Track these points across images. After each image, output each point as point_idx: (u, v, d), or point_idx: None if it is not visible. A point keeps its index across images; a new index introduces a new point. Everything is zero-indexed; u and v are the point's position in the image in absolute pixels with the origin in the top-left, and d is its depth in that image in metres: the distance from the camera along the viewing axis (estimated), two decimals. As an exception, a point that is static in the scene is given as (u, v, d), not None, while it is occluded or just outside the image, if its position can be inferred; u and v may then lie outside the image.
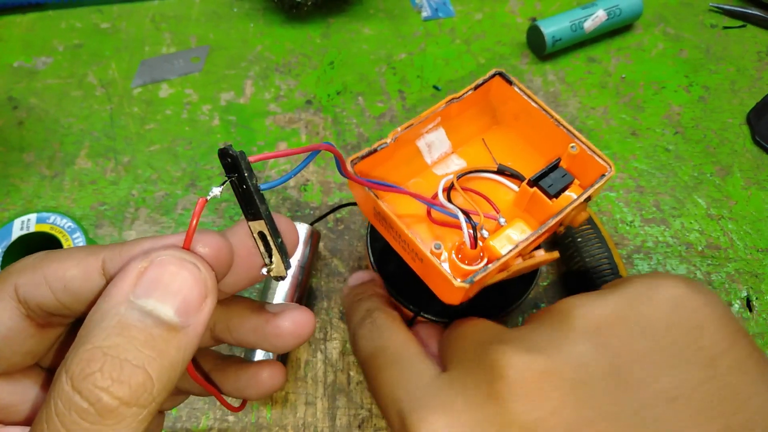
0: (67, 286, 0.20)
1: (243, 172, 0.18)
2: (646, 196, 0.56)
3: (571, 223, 0.33)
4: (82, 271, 0.20)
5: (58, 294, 0.20)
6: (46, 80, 0.61)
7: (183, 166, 0.56)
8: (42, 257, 0.21)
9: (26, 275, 0.20)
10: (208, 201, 0.19)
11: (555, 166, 0.33)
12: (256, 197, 0.19)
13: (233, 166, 0.18)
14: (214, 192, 0.19)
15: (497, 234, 0.31)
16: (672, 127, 0.61)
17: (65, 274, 0.20)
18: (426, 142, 0.36)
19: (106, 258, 0.20)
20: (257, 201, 0.19)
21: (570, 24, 0.63)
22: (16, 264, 0.21)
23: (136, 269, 0.18)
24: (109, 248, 0.21)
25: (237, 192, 0.19)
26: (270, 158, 0.20)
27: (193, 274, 0.18)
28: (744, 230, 0.54)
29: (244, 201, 0.19)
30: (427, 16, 0.68)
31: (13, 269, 0.21)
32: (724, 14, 0.70)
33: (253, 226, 0.20)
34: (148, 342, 0.17)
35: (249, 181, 0.18)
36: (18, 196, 0.54)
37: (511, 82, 0.35)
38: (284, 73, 0.63)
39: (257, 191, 0.19)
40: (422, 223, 0.34)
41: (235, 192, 0.19)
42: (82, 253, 0.21)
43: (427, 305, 0.42)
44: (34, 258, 0.21)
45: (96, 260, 0.20)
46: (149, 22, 0.66)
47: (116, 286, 0.18)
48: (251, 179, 0.19)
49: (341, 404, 0.45)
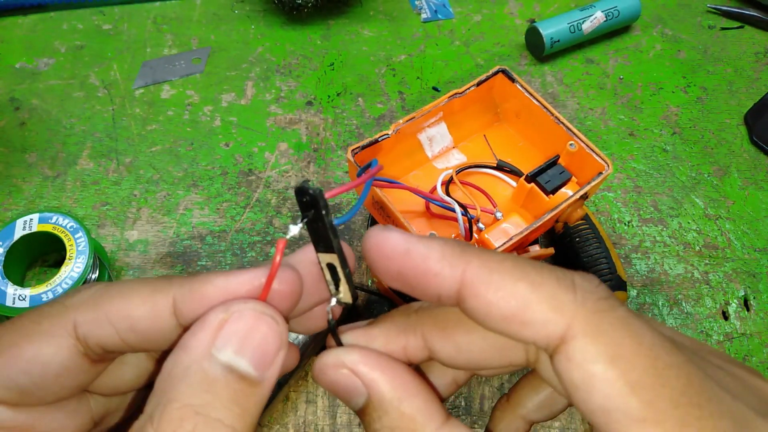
0: (133, 326, 0.19)
1: (321, 210, 0.18)
2: (643, 196, 0.56)
3: (567, 220, 0.33)
4: (150, 311, 0.19)
5: (124, 334, 0.19)
6: (48, 81, 0.62)
7: (184, 166, 0.56)
8: (102, 292, 0.20)
9: (87, 313, 0.19)
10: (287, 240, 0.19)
11: (553, 162, 0.33)
12: (331, 233, 0.18)
13: (311, 204, 0.18)
14: (293, 231, 0.19)
15: (493, 227, 0.32)
16: (670, 127, 0.61)
17: (131, 314, 0.19)
18: (427, 135, 0.36)
19: (177, 297, 0.19)
20: (332, 236, 0.19)
21: (568, 25, 0.63)
22: (74, 297, 0.20)
23: (216, 321, 0.18)
24: (177, 284, 0.19)
25: (311, 228, 0.19)
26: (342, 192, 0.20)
27: (271, 328, 0.18)
28: (741, 230, 0.55)
29: (318, 236, 0.19)
30: (427, 17, 0.69)
31: (70, 303, 0.20)
32: (721, 15, 0.70)
33: (323, 258, 0.20)
34: (234, 398, 0.17)
35: (326, 218, 0.18)
36: (20, 196, 0.54)
37: (513, 79, 0.36)
38: (285, 75, 0.63)
39: (332, 227, 0.18)
40: (421, 217, 0.35)
41: (309, 227, 0.19)
42: (148, 290, 0.19)
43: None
44: (93, 292, 0.20)
45: (165, 299, 0.19)
46: (151, 23, 0.67)
47: (196, 337, 0.18)
48: (328, 216, 0.18)
49: (341, 402, 0.45)
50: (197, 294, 0.19)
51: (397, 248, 0.19)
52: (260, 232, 0.53)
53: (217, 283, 0.19)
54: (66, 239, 0.46)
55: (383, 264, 0.19)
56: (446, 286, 0.18)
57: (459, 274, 0.18)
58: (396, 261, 0.19)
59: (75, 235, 0.46)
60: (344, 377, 0.20)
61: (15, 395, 0.19)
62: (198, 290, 0.19)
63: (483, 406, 0.46)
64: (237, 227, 0.53)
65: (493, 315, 0.18)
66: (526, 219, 0.32)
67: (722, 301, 0.51)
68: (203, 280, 0.19)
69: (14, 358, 0.19)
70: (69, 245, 0.46)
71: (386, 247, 0.19)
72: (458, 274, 0.18)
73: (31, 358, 0.19)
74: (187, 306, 0.19)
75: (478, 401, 0.46)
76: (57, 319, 0.20)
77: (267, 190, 0.55)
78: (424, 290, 0.19)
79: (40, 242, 0.47)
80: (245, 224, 0.53)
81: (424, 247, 0.19)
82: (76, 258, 0.45)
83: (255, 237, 0.52)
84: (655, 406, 0.16)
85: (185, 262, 0.51)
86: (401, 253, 0.19)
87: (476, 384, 0.47)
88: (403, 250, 0.19)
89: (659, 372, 0.16)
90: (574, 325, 0.17)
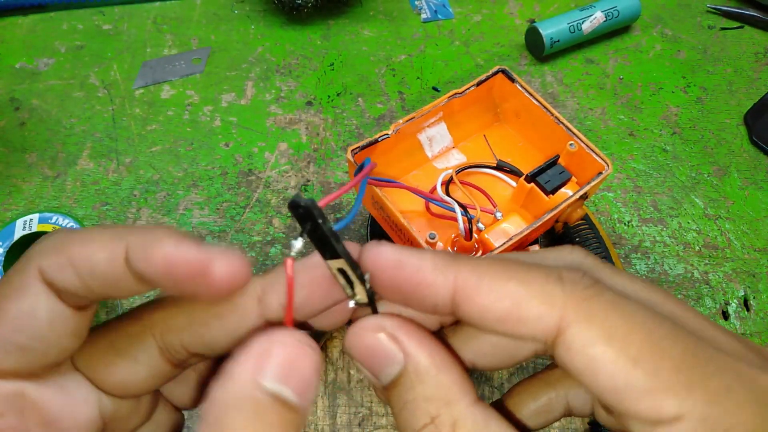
0: (93, 270, 0.19)
1: (317, 219, 0.18)
2: (643, 196, 0.56)
3: (567, 220, 0.33)
4: (108, 256, 0.19)
5: (86, 278, 0.19)
6: (48, 81, 0.62)
7: (184, 166, 0.56)
8: (63, 238, 0.20)
9: (50, 257, 0.20)
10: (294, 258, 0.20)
11: (553, 162, 0.33)
12: (332, 240, 0.19)
13: (306, 215, 0.18)
14: (297, 247, 0.19)
15: (493, 227, 0.32)
16: (669, 127, 0.61)
17: (91, 258, 0.19)
18: (427, 135, 0.36)
19: (129, 247, 0.19)
20: (334, 243, 0.19)
21: (568, 25, 0.63)
22: (36, 246, 0.20)
23: (260, 350, 0.18)
24: (133, 234, 0.20)
25: (313, 238, 0.19)
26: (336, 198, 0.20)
27: (310, 357, 0.19)
28: (741, 230, 0.55)
29: (321, 244, 0.19)
30: (427, 18, 0.69)
31: (34, 252, 0.20)
32: (721, 15, 0.70)
33: (332, 264, 0.20)
34: (283, 427, 0.17)
35: (324, 227, 0.18)
36: (20, 196, 0.54)
37: (513, 79, 0.36)
38: (285, 75, 0.63)
39: (333, 234, 0.19)
40: (421, 217, 0.35)
41: (311, 238, 0.19)
42: (106, 237, 0.20)
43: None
44: (54, 238, 0.20)
45: (120, 247, 0.19)
46: (151, 23, 0.67)
47: (242, 366, 0.18)
48: (325, 224, 0.18)
49: (341, 402, 0.45)
50: (148, 252, 0.19)
51: (390, 262, 0.19)
52: (260, 232, 0.53)
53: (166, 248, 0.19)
54: (66, 239, 0.46)
55: (379, 278, 0.20)
56: (441, 295, 0.19)
57: (451, 282, 0.19)
58: (390, 274, 0.19)
59: (75, 235, 0.46)
60: (382, 342, 0.20)
61: (19, 356, 0.19)
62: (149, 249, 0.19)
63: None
64: (237, 227, 0.53)
65: (488, 317, 0.18)
66: (526, 219, 0.32)
67: (722, 301, 0.51)
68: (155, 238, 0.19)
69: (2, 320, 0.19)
70: (69, 245, 0.46)
71: (380, 261, 0.19)
72: (450, 282, 0.19)
73: (17, 314, 0.19)
74: (137, 260, 0.19)
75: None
76: (25, 271, 0.20)
77: (267, 190, 0.55)
78: (421, 301, 0.19)
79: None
80: (245, 224, 0.53)
81: (417, 259, 0.19)
82: (76, 258, 0.45)
83: (255, 237, 0.52)
84: (659, 375, 0.17)
85: (185, 262, 0.51)
86: (395, 267, 0.19)
87: (476, 384, 0.47)
88: (396, 263, 0.19)
89: (655, 344, 0.17)
90: (567, 315, 0.18)
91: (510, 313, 0.18)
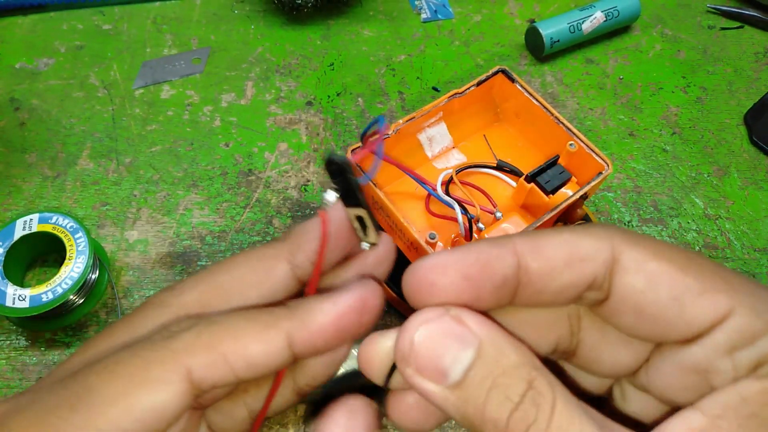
0: (251, 363, 0.20)
1: (347, 173, 0.21)
2: (643, 196, 0.56)
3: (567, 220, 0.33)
4: (266, 348, 0.20)
5: (241, 372, 0.20)
6: (48, 81, 0.62)
7: (184, 166, 0.56)
8: (209, 331, 0.20)
9: (202, 357, 0.19)
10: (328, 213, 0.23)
11: (553, 162, 0.33)
12: (357, 190, 0.22)
13: (340, 170, 0.21)
14: (330, 199, 0.23)
15: (493, 227, 0.32)
16: (669, 127, 0.61)
17: (248, 353, 0.20)
18: (427, 135, 0.36)
19: (290, 332, 0.20)
20: (358, 193, 0.22)
21: (568, 25, 0.63)
22: (179, 340, 0.20)
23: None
24: (285, 317, 0.20)
25: (342, 189, 0.22)
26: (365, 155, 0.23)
27: None
28: (741, 230, 0.55)
29: (348, 195, 0.22)
30: (427, 18, 0.69)
31: (178, 348, 0.20)
32: (721, 15, 0.70)
33: (351, 212, 0.23)
34: None
35: (353, 180, 0.21)
36: (20, 196, 0.54)
37: (513, 79, 0.36)
38: (285, 75, 0.63)
39: (358, 186, 0.22)
40: (421, 217, 0.35)
41: (340, 189, 0.22)
42: (258, 326, 0.20)
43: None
44: (198, 332, 0.20)
45: (278, 335, 0.20)
46: (150, 23, 0.67)
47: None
48: (354, 178, 0.22)
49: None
50: (312, 326, 0.20)
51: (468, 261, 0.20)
52: (260, 232, 0.53)
53: (327, 310, 0.21)
54: (66, 239, 0.46)
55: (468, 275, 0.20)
56: (508, 263, 0.20)
57: (512, 251, 0.20)
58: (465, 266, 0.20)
59: (75, 235, 0.46)
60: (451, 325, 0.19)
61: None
62: (312, 322, 0.21)
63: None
64: (237, 227, 0.53)
65: (556, 265, 0.20)
66: (526, 219, 0.32)
67: (722, 301, 0.51)
68: (311, 309, 0.21)
69: (129, 408, 0.19)
70: (69, 245, 0.46)
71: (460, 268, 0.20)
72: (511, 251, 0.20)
73: (147, 408, 0.19)
74: (302, 339, 0.20)
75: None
76: (169, 365, 0.19)
77: (267, 190, 0.55)
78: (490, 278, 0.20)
79: (40, 242, 0.47)
80: (245, 224, 0.53)
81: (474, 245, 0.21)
82: (76, 258, 0.45)
83: (255, 237, 0.52)
84: (705, 280, 0.19)
85: (185, 262, 0.51)
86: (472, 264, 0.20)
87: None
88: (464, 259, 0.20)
89: (691, 259, 0.20)
90: (617, 246, 0.20)
91: (572, 255, 0.20)
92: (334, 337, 0.21)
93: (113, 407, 0.19)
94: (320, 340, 0.21)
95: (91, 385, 0.19)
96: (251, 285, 0.22)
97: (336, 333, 0.21)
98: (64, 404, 0.19)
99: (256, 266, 0.23)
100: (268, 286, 0.22)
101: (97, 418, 0.18)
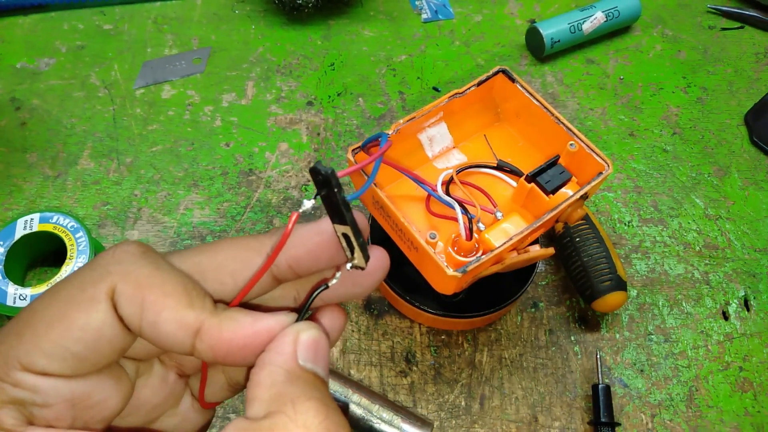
0: (157, 326, 0.20)
1: (333, 188, 0.20)
2: (644, 196, 0.56)
3: (567, 220, 0.33)
4: (176, 323, 0.20)
5: (144, 326, 0.20)
6: (49, 81, 0.62)
7: (185, 166, 0.57)
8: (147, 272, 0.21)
9: (128, 286, 0.20)
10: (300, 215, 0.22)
11: (553, 162, 0.33)
12: (343, 207, 0.21)
13: (324, 182, 0.20)
14: (305, 206, 0.22)
15: (493, 227, 0.32)
16: (670, 127, 0.61)
17: (161, 314, 0.20)
18: (428, 135, 0.36)
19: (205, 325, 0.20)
20: (344, 210, 0.21)
21: (569, 26, 0.63)
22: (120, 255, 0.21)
23: (290, 340, 0.21)
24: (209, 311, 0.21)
25: (326, 203, 0.21)
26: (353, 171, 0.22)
27: (326, 342, 0.22)
28: (741, 230, 0.55)
29: (332, 210, 0.21)
30: (427, 18, 0.69)
31: (114, 269, 0.21)
32: (722, 16, 0.70)
33: (338, 229, 0.22)
34: (323, 392, 0.21)
35: (338, 195, 0.20)
36: (21, 196, 0.54)
37: (513, 79, 0.36)
38: (285, 75, 0.63)
39: (344, 202, 0.21)
40: (421, 216, 0.35)
41: (324, 203, 0.21)
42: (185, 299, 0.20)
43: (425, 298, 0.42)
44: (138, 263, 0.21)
45: (195, 319, 0.20)
46: (151, 23, 0.67)
47: (282, 347, 0.21)
48: (340, 193, 0.20)
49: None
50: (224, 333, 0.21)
51: None
52: (261, 232, 0.53)
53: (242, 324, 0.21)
54: (66, 239, 0.46)
55: None
56: None
57: None
58: None
59: (75, 234, 0.47)
60: None
61: (72, 364, 0.20)
62: (225, 328, 0.21)
63: (483, 406, 0.46)
64: (237, 227, 0.53)
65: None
66: (526, 219, 0.32)
67: (722, 301, 0.51)
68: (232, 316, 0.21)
69: (68, 328, 0.20)
70: (69, 245, 0.46)
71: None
72: None
73: (84, 326, 0.20)
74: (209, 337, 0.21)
75: (478, 401, 0.46)
76: (99, 284, 0.20)
77: (267, 190, 0.55)
78: None
79: (41, 242, 0.47)
80: (245, 224, 0.53)
81: None
82: (77, 257, 0.46)
83: (255, 237, 0.53)
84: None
85: (186, 261, 0.51)
86: None
87: (476, 384, 0.47)
88: None
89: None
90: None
91: None
92: (237, 353, 0.21)
93: (54, 329, 0.20)
94: (223, 348, 0.21)
95: (35, 310, 0.20)
96: (228, 273, 0.22)
97: (239, 350, 0.21)
98: (13, 332, 0.20)
99: (237, 256, 0.23)
100: (244, 278, 0.22)
101: (41, 340, 0.20)
